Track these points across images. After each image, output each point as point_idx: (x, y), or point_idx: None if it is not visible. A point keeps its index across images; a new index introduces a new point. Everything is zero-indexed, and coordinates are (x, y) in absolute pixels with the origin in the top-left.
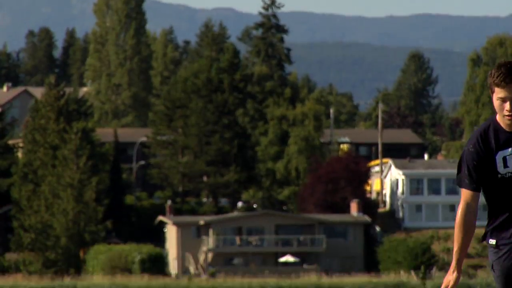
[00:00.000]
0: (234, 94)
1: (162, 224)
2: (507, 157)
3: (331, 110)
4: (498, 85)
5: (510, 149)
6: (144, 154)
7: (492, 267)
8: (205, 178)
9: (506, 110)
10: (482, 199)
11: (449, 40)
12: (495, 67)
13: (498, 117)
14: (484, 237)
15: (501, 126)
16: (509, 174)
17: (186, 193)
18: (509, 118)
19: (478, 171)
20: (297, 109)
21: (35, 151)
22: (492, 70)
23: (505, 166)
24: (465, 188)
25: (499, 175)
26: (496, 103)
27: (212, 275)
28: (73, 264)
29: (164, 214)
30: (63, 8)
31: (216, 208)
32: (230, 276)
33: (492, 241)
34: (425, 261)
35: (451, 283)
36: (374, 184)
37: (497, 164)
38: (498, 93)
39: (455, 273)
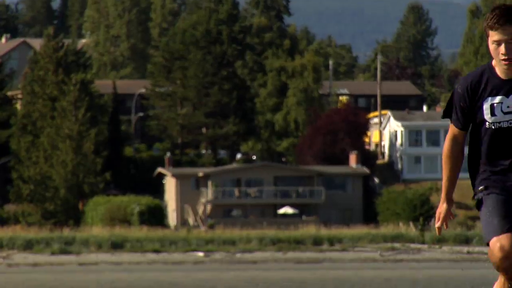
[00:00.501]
0: (233, 45)
1: (161, 176)
2: (495, 104)
3: (330, 62)
4: (492, 28)
5: (499, 97)
6: (143, 105)
7: (481, 202)
8: (204, 130)
9: (502, 54)
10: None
11: None
12: (489, 10)
13: (494, 62)
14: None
15: (495, 72)
16: (497, 125)
17: (185, 144)
18: (505, 62)
19: (464, 114)
20: (296, 60)
21: (34, 103)
22: (487, 13)
23: (492, 114)
24: (452, 124)
25: (487, 124)
26: (491, 47)
27: (211, 226)
28: (72, 216)
29: (163, 165)
30: None
31: (215, 160)
32: (228, 227)
33: (482, 187)
34: (424, 212)
35: (442, 214)
36: (373, 136)
37: (484, 111)
38: (493, 36)
39: (445, 204)
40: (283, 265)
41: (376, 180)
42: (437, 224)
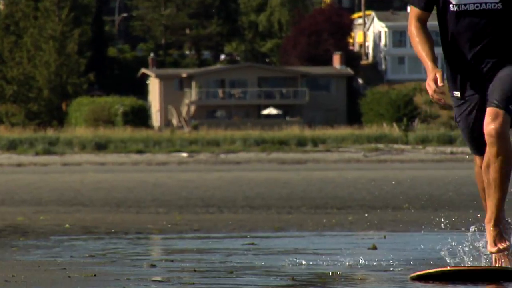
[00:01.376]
0: None
1: (145, 77)
2: None
3: None
4: None
5: None
6: (127, 6)
7: (456, 121)
8: (187, 31)
9: None
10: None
11: None
12: None
13: None
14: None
15: None
16: (463, 7)
17: (168, 45)
18: None
19: None
20: None
21: (17, 3)
22: None
23: None
24: (414, 5)
25: (451, 6)
26: None
27: (195, 127)
28: (56, 116)
29: (146, 66)
30: None
31: (199, 60)
32: (212, 128)
33: (457, 93)
34: (408, 113)
35: (438, 74)
36: (357, 37)
37: None
38: None
39: (433, 69)
40: (267, 166)
41: (360, 81)
42: (439, 84)
